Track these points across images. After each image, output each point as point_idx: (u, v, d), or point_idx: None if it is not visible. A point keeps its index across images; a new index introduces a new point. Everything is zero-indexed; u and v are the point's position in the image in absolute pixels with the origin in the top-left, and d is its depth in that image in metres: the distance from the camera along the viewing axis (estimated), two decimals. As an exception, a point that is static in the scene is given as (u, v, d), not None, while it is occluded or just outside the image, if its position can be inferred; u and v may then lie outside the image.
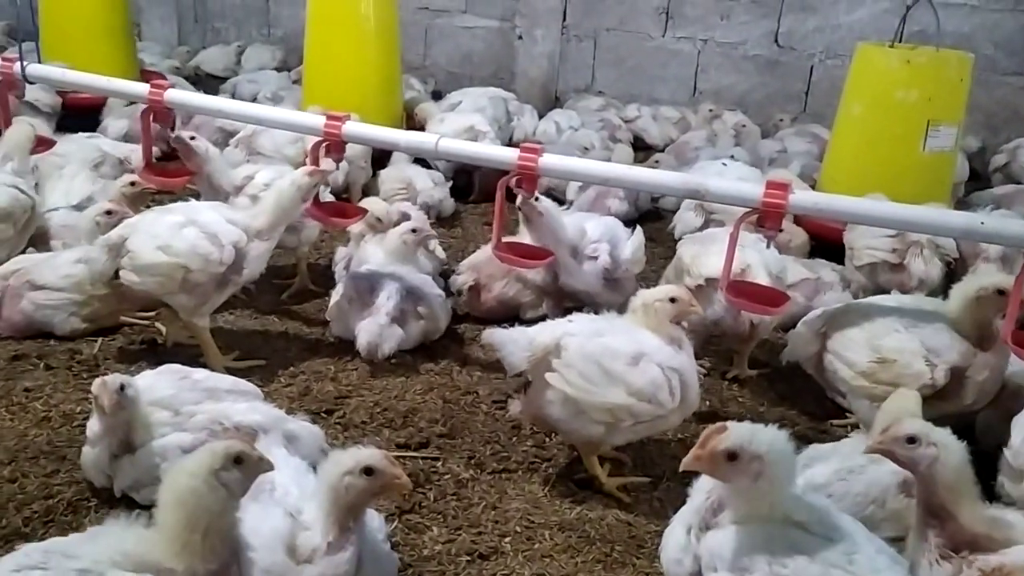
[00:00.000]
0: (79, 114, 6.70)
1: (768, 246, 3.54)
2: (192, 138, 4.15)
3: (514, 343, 3.02)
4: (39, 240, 4.46)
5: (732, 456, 2.04)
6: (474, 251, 4.96)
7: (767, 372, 4.14)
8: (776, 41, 8.13)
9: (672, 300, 3.08)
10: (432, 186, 5.72)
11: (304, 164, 4.94)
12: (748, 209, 3.31)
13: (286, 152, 5.45)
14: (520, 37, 8.86)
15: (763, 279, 3.66)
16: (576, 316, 3.25)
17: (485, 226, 6.02)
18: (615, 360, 2.95)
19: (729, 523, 2.10)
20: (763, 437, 2.06)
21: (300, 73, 8.35)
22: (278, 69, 8.92)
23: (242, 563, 2.05)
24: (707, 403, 3.87)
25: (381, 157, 6.04)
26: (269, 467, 2.16)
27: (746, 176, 5.23)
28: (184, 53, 9.65)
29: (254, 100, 7.53)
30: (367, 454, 2.26)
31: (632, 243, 4.00)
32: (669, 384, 2.95)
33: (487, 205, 6.41)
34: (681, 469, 2.12)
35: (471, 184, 6.45)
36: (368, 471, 2.22)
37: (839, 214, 3.53)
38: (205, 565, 1.95)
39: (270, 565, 2.12)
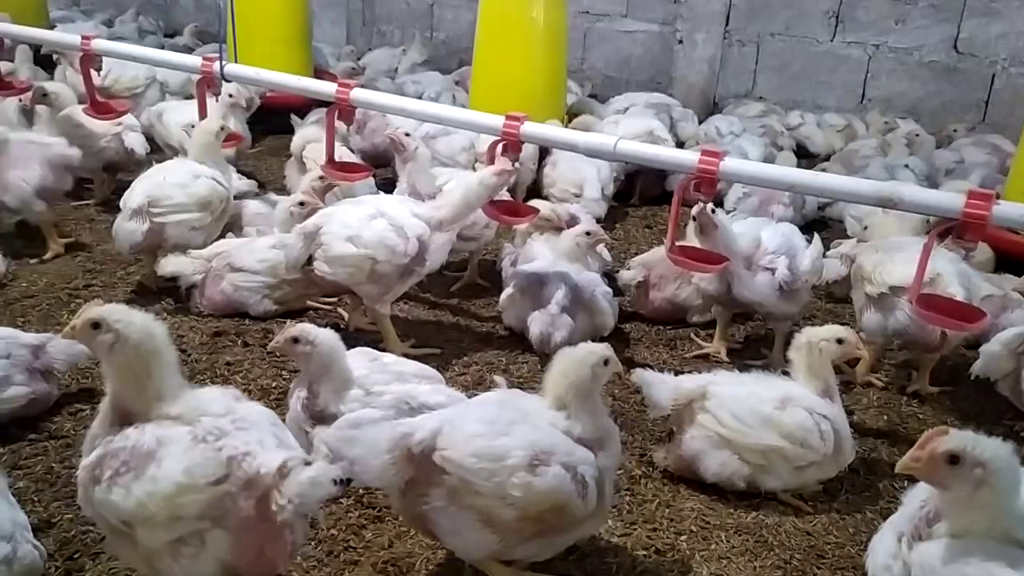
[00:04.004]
0: (275, 113, 7.14)
1: (965, 259, 3.39)
2: (407, 134, 4.27)
3: (662, 384, 3.15)
4: (234, 226, 4.78)
5: (953, 459, 1.97)
6: (636, 253, 5.00)
7: (950, 390, 3.97)
8: (955, 47, 7.75)
9: (839, 341, 3.10)
10: (599, 190, 5.71)
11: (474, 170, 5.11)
12: (946, 220, 3.18)
13: (459, 158, 5.60)
14: (680, 41, 8.80)
15: (955, 289, 3.51)
16: (719, 371, 3.32)
17: (646, 229, 6.03)
18: (762, 404, 3.04)
19: (944, 535, 2.04)
20: (987, 443, 1.98)
21: (462, 75, 8.63)
22: (440, 71, 9.18)
23: None
24: (884, 418, 3.77)
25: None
26: None
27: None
28: (349, 53, 10.07)
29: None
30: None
31: (811, 253, 3.88)
32: (819, 428, 3.00)
33: (647, 208, 6.42)
34: (897, 471, 2.07)
35: (632, 187, 6.47)
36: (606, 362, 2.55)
37: (1052, 227, 3.32)
38: None
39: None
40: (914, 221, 4.28)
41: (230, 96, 5.46)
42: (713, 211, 3.78)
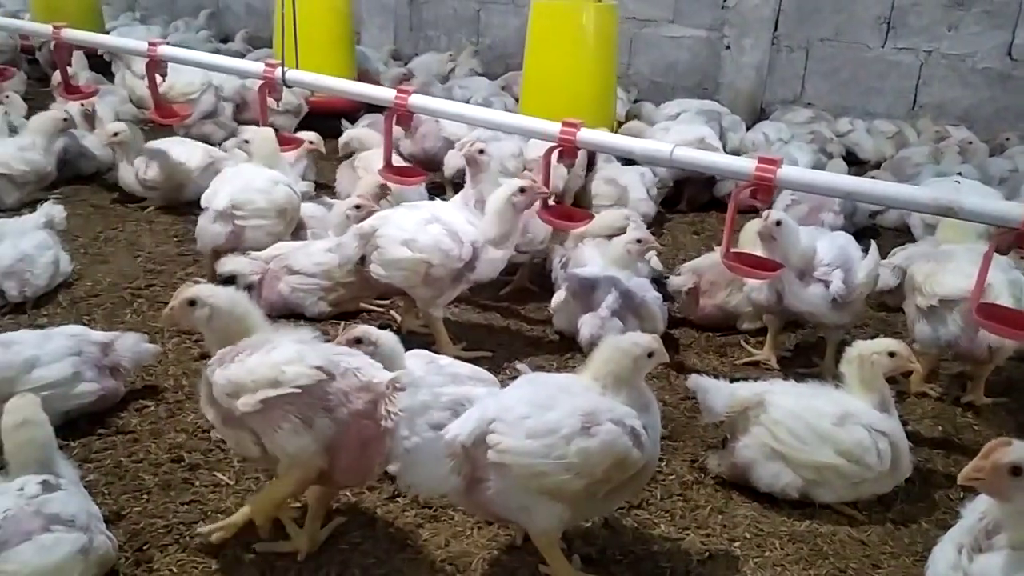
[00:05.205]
0: (323, 117, 7.25)
1: (1026, 268, 3.36)
2: (481, 152, 4.28)
3: (717, 391, 3.15)
4: (298, 230, 4.86)
5: (1016, 471, 1.97)
6: (684, 259, 5.01)
7: (1004, 401, 3.93)
8: (1009, 54, 7.64)
9: (891, 354, 3.09)
10: (645, 191, 5.74)
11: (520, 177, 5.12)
12: (1006, 229, 3.16)
13: (508, 165, 5.63)
14: (728, 47, 8.77)
15: (1005, 299, 3.49)
16: (775, 380, 3.33)
17: (694, 235, 6.04)
18: (821, 419, 3.03)
19: (1004, 547, 2.03)
20: None
21: (507, 80, 8.68)
22: (487, 76, 9.25)
23: None
24: (939, 428, 3.75)
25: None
26: None
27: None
28: (388, 54, 10.16)
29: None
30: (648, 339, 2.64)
31: (866, 265, 3.83)
32: (876, 447, 2.99)
33: (695, 215, 6.43)
34: (959, 482, 2.07)
35: (680, 194, 6.47)
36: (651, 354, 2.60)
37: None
38: None
39: None
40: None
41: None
42: (779, 223, 3.77)
